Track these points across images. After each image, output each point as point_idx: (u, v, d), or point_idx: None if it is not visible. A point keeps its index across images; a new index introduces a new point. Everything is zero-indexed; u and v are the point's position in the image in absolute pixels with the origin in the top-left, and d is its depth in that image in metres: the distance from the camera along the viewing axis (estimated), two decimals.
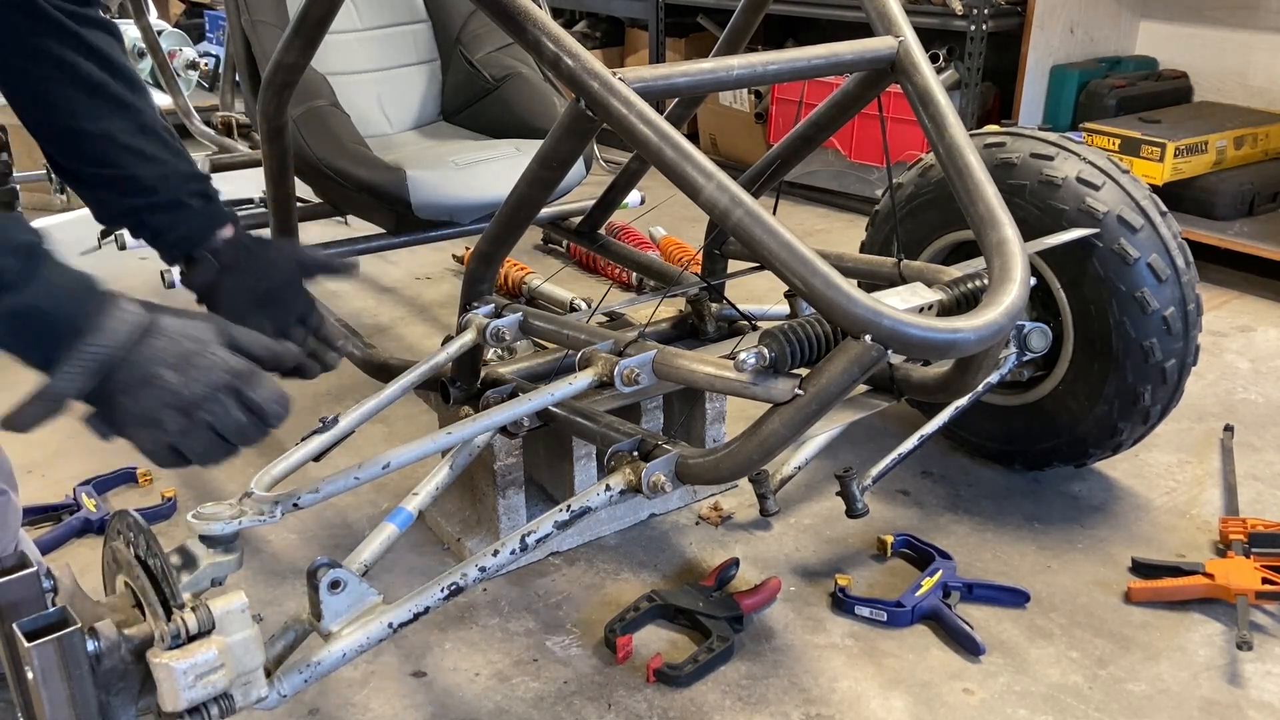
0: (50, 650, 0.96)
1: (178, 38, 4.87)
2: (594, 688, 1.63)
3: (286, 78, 1.78)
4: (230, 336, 1.11)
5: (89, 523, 2.02)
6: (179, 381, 1.03)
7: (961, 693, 1.61)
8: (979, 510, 2.07)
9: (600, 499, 1.40)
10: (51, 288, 1.01)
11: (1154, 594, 1.79)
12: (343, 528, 2.03)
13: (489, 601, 1.82)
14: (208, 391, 1.04)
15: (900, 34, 1.46)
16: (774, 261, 1.15)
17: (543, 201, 1.48)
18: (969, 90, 3.65)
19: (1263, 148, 3.40)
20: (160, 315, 1.06)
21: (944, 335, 1.15)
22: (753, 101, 4.30)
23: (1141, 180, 1.93)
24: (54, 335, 1.02)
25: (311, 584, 1.23)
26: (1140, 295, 1.82)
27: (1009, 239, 1.29)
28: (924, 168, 2.10)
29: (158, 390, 1.03)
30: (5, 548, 1.35)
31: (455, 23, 2.78)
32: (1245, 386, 2.56)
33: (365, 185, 2.23)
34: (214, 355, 1.06)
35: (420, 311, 3.12)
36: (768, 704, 1.59)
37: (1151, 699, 1.59)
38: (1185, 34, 3.77)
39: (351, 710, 1.59)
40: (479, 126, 2.70)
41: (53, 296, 1.01)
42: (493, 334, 1.67)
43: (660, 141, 1.19)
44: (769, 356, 1.24)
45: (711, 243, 2.10)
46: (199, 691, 1.04)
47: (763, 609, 1.79)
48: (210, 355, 1.06)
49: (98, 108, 1.26)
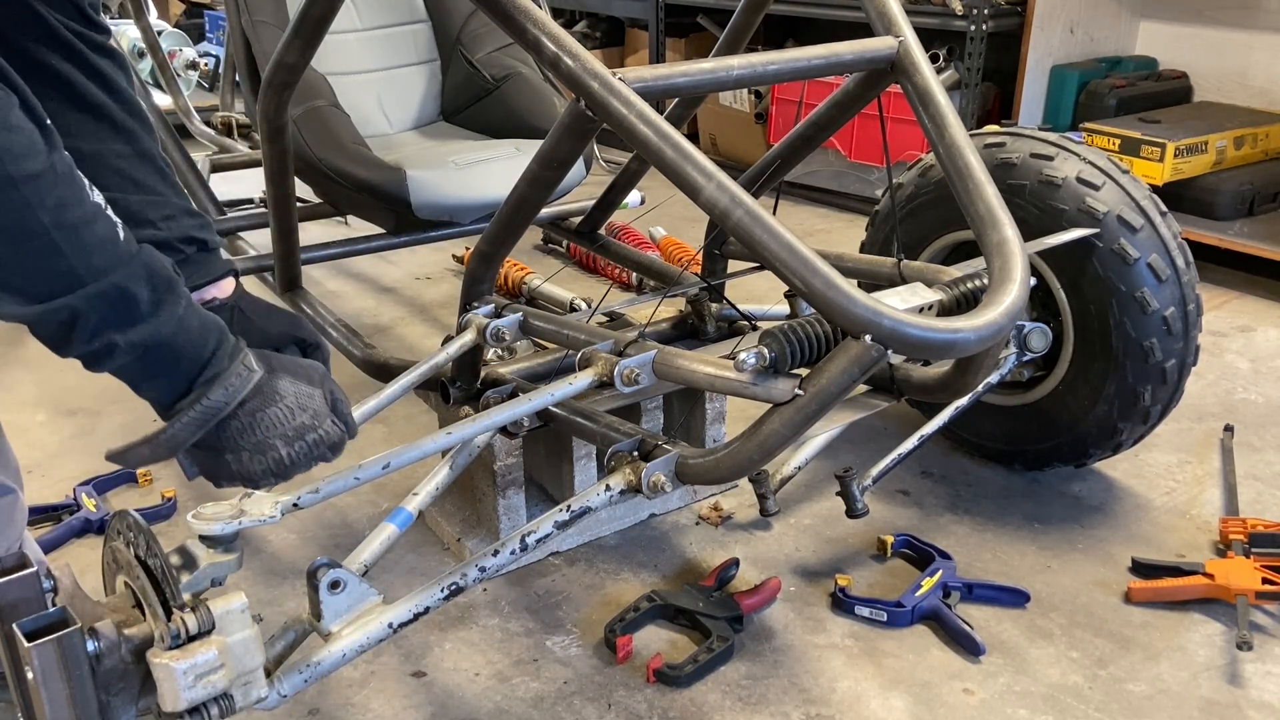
0: (50, 650, 0.96)
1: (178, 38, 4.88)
2: (594, 688, 1.63)
3: (286, 78, 1.78)
4: (335, 400, 1.15)
5: (89, 523, 2.02)
6: (287, 454, 1.08)
7: (961, 693, 1.61)
8: (979, 510, 2.07)
9: (600, 499, 1.40)
10: (182, 325, 1.01)
11: (1154, 594, 1.79)
12: (343, 528, 2.03)
13: (489, 601, 1.82)
14: (307, 463, 1.11)
15: (900, 34, 1.46)
16: (774, 261, 1.15)
17: (543, 201, 1.48)
18: (969, 90, 3.65)
19: (1263, 148, 3.40)
20: (279, 376, 1.09)
21: (944, 335, 1.15)
22: (753, 101, 4.30)
23: (1141, 180, 1.93)
24: (176, 373, 1.02)
25: (311, 584, 1.23)
26: (1140, 295, 1.82)
27: (1009, 239, 1.29)
28: (924, 168, 2.10)
29: (267, 461, 1.08)
30: (11, 545, 1.35)
31: (455, 23, 2.78)
32: (1245, 386, 2.56)
33: (365, 185, 2.23)
34: (323, 431, 1.11)
35: (420, 311, 3.12)
36: (768, 704, 1.59)
37: (1151, 699, 1.59)
38: (1185, 34, 3.77)
39: (351, 710, 1.59)
40: (479, 126, 2.71)
41: (183, 333, 1.01)
42: (493, 334, 1.67)
43: (660, 141, 1.19)
44: (769, 356, 1.24)
45: (711, 243, 2.10)
46: (199, 691, 1.05)
47: (763, 609, 1.79)
48: (320, 431, 1.11)
49: (94, 129, 1.22)
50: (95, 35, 1.21)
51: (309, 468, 1.12)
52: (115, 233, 0.97)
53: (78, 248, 0.94)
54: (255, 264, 2.40)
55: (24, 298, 0.94)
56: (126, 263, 0.97)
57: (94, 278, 0.94)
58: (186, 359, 1.02)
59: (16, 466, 1.39)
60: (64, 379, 2.62)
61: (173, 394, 1.03)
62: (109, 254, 0.96)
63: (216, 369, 1.03)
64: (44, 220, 0.91)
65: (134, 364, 1.00)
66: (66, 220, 0.93)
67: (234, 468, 1.07)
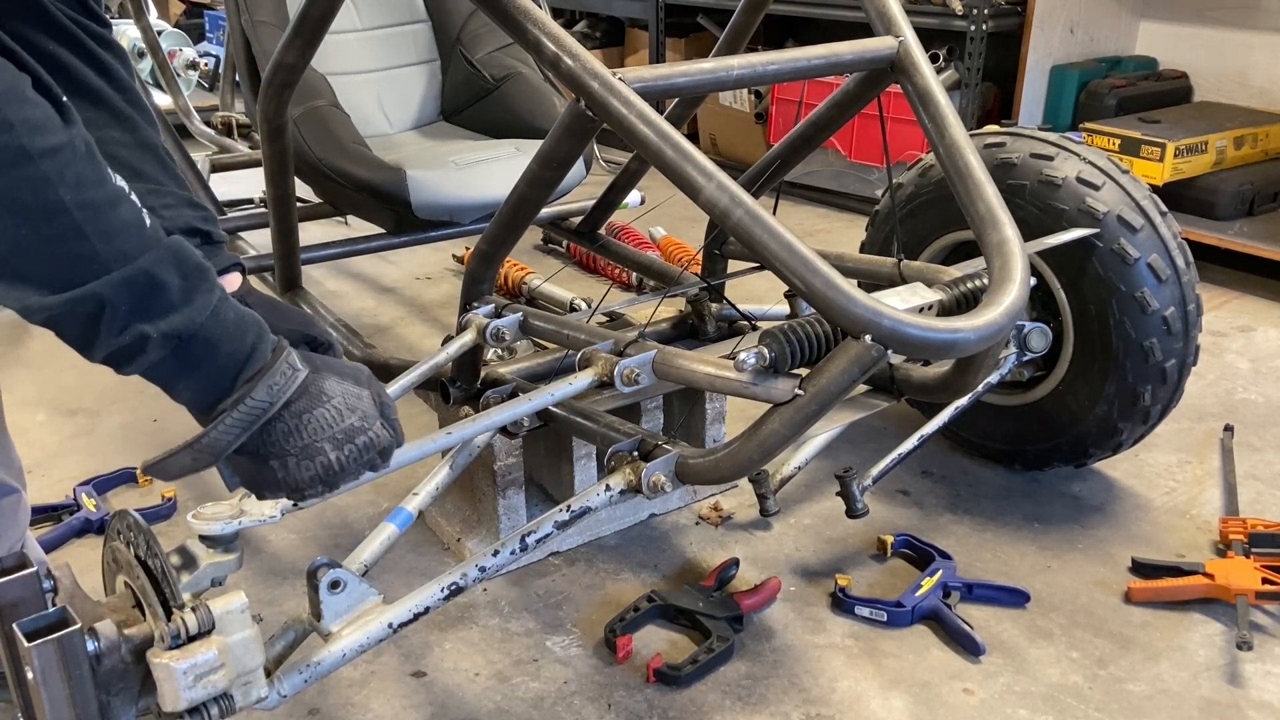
0: (50, 650, 0.96)
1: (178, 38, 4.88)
2: (594, 688, 1.63)
3: (286, 78, 1.78)
4: (383, 404, 1.07)
5: (89, 523, 2.02)
6: (336, 460, 1.01)
7: (961, 693, 1.61)
8: (979, 510, 2.07)
9: (600, 499, 1.40)
10: (217, 315, 0.93)
11: (1154, 594, 1.79)
12: (343, 528, 2.03)
13: (489, 601, 1.82)
14: (356, 470, 1.04)
15: (900, 34, 1.46)
16: (774, 261, 1.16)
17: (543, 201, 1.48)
18: (969, 90, 3.65)
19: (1263, 148, 3.40)
20: (324, 375, 1.02)
21: (944, 335, 1.16)
22: (753, 101, 4.30)
23: (1141, 180, 1.93)
24: (215, 368, 0.94)
25: (311, 584, 1.23)
26: (1140, 295, 1.82)
27: (1009, 239, 1.29)
28: (924, 168, 2.10)
29: (315, 467, 1.00)
30: (14, 545, 1.35)
31: (455, 23, 2.79)
32: (1245, 386, 2.56)
33: (365, 185, 2.23)
34: (373, 434, 1.03)
35: (420, 311, 3.12)
36: (768, 704, 1.59)
37: (1151, 699, 1.59)
38: (1185, 34, 3.77)
39: (351, 710, 1.59)
40: (479, 126, 2.71)
41: (219, 325, 0.93)
42: (493, 334, 1.67)
43: (660, 141, 1.19)
44: (769, 356, 1.24)
45: (711, 243, 2.10)
46: (199, 691, 1.04)
47: (763, 609, 1.79)
48: (369, 434, 1.03)
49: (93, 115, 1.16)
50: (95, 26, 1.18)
51: (358, 475, 1.04)
52: (140, 217, 0.90)
53: (101, 230, 0.86)
54: (255, 264, 2.40)
55: (46, 287, 0.86)
56: (153, 247, 0.89)
57: (120, 263, 0.86)
58: (224, 353, 0.94)
59: (19, 466, 1.39)
60: (64, 379, 2.62)
61: (214, 393, 0.95)
62: (135, 238, 0.88)
63: (259, 364, 0.95)
64: (65, 198, 0.84)
65: (169, 359, 0.91)
66: (89, 199, 0.85)
67: (279, 475, 0.99)
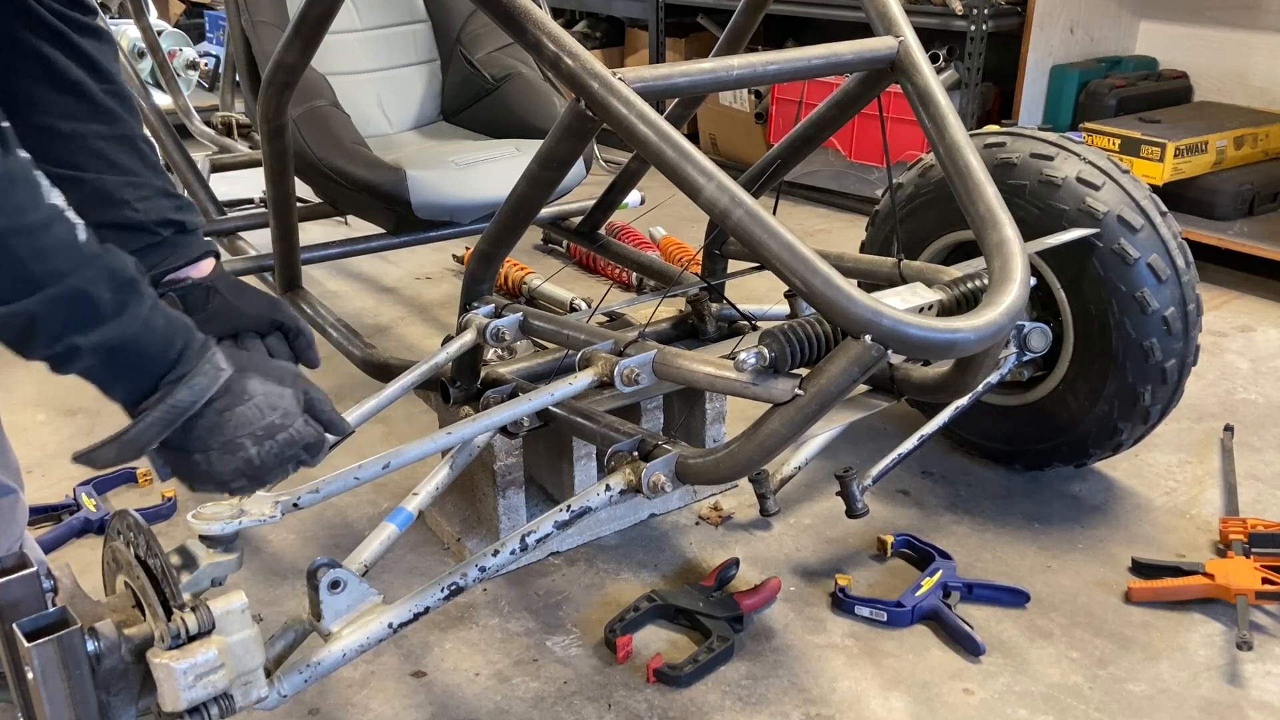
0: (50, 650, 0.96)
1: (178, 38, 4.88)
2: (594, 688, 1.63)
3: (286, 78, 1.78)
4: (309, 401, 1.12)
5: (89, 523, 2.02)
6: (257, 454, 1.06)
7: (961, 693, 1.61)
8: (979, 510, 2.06)
9: (600, 499, 1.40)
10: (147, 325, 1.00)
11: (1154, 594, 1.79)
12: (343, 528, 2.03)
13: (489, 601, 1.82)
14: (280, 464, 1.08)
15: (900, 34, 1.46)
16: (774, 261, 1.15)
17: (543, 201, 1.48)
18: (969, 90, 3.65)
19: (1263, 148, 3.40)
20: (248, 375, 1.07)
21: (944, 335, 1.16)
22: (753, 101, 4.30)
23: (1141, 180, 1.93)
24: (142, 373, 1.01)
25: (311, 584, 1.23)
26: (1140, 295, 1.82)
27: (1009, 239, 1.29)
28: (924, 168, 2.10)
29: (236, 461, 1.05)
30: (12, 545, 1.35)
31: (455, 23, 2.78)
32: (1245, 386, 2.56)
33: (365, 185, 2.23)
34: (295, 432, 1.08)
35: (420, 311, 3.12)
36: (768, 704, 1.59)
37: (1151, 699, 1.59)
38: (1185, 34, 3.77)
39: (351, 710, 1.59)
40: (479, 126, 2.71)
41: (148, 333, 1.00)
42: (493, 334, 1.67)
43: (660, 141, 1.19)
44: (769, 356, 1.24)
45: (711, 243, 2.10)
46: (199, 691, 1.05)
47: (763, 609, 1.79)
48: (292, 431, 1.08)
49: (73, 108, 1.19)
50: (78, 16, 1.19)
51: (283, 471, 1.09)
52: (74, 235, 0.96)
53: (34, 252, 0.92)
54: (255, 264, 2.40)
55: None
56: (86, 264, 0.96)
57: (52, 281, 0.93)
58: (152, 359, 1.01)
59: (17, 466, 1.39)
60: (64, 379, 2.61)
61: (140, 393, 1.02)
62: (67, 256, 0.94)
63: (184, 369, 1.01)
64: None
65: (99, 366, 0.99)
66: (23, 225, 0.92)
67: (204, 468, 1.05)
